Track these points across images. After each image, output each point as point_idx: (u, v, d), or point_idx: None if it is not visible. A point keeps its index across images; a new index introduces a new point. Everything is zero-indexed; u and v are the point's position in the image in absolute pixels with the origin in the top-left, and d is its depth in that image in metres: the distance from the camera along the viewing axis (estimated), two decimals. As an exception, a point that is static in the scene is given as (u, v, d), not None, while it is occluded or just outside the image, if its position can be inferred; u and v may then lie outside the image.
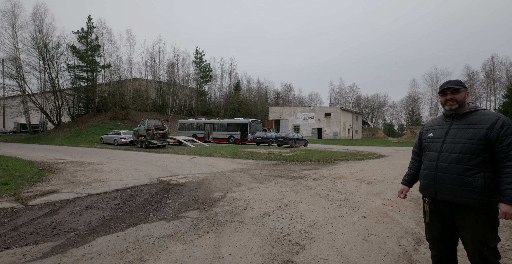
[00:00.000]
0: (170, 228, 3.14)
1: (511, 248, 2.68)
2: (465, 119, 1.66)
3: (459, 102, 1.67)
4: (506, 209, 1.46)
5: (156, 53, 44.64)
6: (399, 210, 3.98)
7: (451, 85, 1.68)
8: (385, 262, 2.39)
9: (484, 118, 1.59)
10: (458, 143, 1.61)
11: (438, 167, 1.67)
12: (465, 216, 1.58)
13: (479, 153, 1.54)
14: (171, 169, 8.28)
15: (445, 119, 1.77)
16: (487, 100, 50.35)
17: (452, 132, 1.67)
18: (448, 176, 1.61)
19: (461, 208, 1.60)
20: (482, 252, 1.53)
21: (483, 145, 1.54)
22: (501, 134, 1.50)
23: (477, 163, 1.54)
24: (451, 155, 1.62)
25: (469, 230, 1.56)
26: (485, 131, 1.54)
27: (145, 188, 5.36)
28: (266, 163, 10.44)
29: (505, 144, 1.49)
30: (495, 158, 1.53)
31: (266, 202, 4.46)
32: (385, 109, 69.83)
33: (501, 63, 48.61)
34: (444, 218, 1.70)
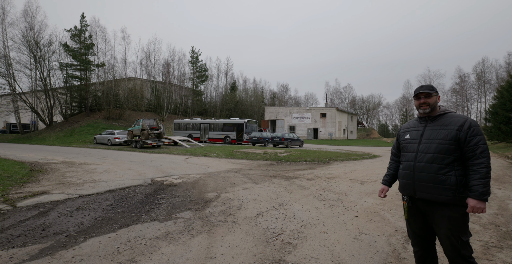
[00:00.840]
0: (162, 229, 3.13)
1: (495, 245, 2.75)
2: (438, 121, 1.76)
3: (431, 106, 1.78)
4: (474, 203, 1.56)
5: (152, 52, 44.21)
6: (390, 209, 4.03)
7: (424, 90, 1.78)
8: (374, 260, 2.42)
9: (454, 120, 1.69)
10: (432, 143, 1.71)
11: (415, 167, 1.76)
12: (440, 213, 1.67)
13: (451, 152, 1.64)
14: (166, 169, 8.23)
15: (420, 122, 1.87)
16: (478, 102, 51.37)
17: (426, 133, 1.77)
18: (424, 175, 1.70)
19: (437, 205, 1.68)
20: (456, 246, 1.61)
21: (454, 145, 1.64)
22: (468, 135, 1.62)
23: (449, 162, 1.64)
24: (426, 155, 1.71)
25: (444, 225, 1.64)
26: (455, 132, 1.65)
27: (138, 189, 5.32)
28: (261, 163, 10.46)
29: (472, 143, 1.60)
30: (464, 157, 1.64)
31: (260, 202, 4.48)
32: (379, 110, 70.69)
33: (491, 66, 49.69)
34: (422, 215, 1.79)
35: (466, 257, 1.61)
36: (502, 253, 2.55)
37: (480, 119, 49.61)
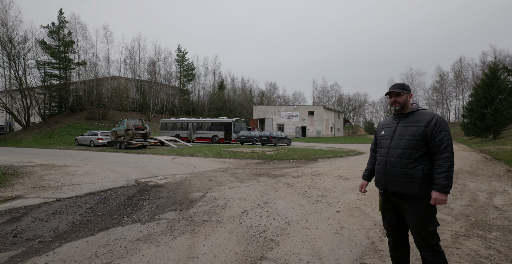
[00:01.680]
0: (144, 230, 3.07)
1: (464, 234, 2.92)
2: (409, 118, 1.85)
3: (401, 104, 1.86)
4: (436, 195, 1.65)
5: (136, 50, 42.95)
6: (371, 204, 4.17)
7: (394, 89, 1.87)
8: (352, 253, 2.51)
9: (423, 117, 1.78)
10: (402, 139, 1.80)
11: (387, 162, 1.85)
12: (409, 205, 1.76)
13: (419, 148, 1.73)
14: (151, 170, 8.07)
15: (394, 119, 1.96)
16: (457, 99, 53.90)
17: (398, 129, 1.86)
18: (394, 170, 1.79)
19: (406, 198, 1.77)
20: (423, 235, 1.71)
21: (421, 140, 1.73)
22: (434, 131, 1.70)
23: (417, 157, 1.73)
24: (397, 150, 1.80)
25: (413, 216, 1.74)
26: (423, 128, 1.73)
27: (121, 190, 5.19)
28: (248, 162, 10.48)
29: (437, 139, 1.69)
30: (430, 152, 1.73)
31: (246, 200, 4.49)
32: (365, 108, 72.59)
33: (467, 65, 52.30)
34: (394, 207, 1.88)
35: (432, 245, 1.70)
36: (469, 242, 2.71)
37: (458, 116, 52.12)
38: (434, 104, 58.25)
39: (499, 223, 3.25)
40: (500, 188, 5.33)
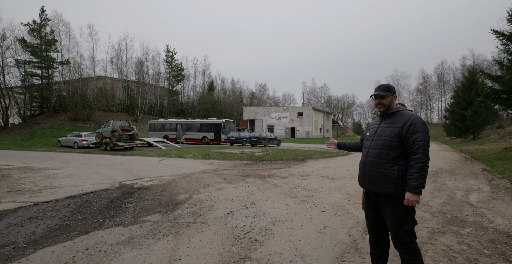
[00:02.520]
0: (126, 234, 3.01)
1: (439, 230, 3.04)
2: (390, 119, 1.90)
3: (386, 106, 1.91)
4: (408, 196, 1.68)
5: (123, 50, 41.97)
6: (355, 203, 4.27)
7: (378, 92, 1.91)
8: (334, 251, 2.56)
9: (401, 118, 1.82)
10: (379, 140, 1.86)
11: (366, 162, 1.91)
12: (386, 204, 1.81)
13: (394, 148, 1.77)
14: (137, 172, 7.90)
15: (379, 119, 2.01)
16: (439, 101, 56.03)
17: (379, 130, 1.92)
18: (372, 169, 1.85)
19: (383, 197, 1.82)
20: (398, 234, 1.75)
21: (397, 141, 1.77)
22: (409, 132, 1.74)
23: (393, 157, 1.77)
24: (375, 151, 1.86)
25: (389, 215, 1.78)
26: (399, 129, 1.78)
27: (104, 193, 5.05)
28: (237, 163, 10.46)
29: (411, 140, 1.72)
30: (406, 153, 1.76)
31: (232, 201, 4.49)
32: (353, 109, 74.10)
33: (449, 68, 54.63)
34: (375, 206, 1.93)
35: (407, 243, 1.74)
36: (444, 237, 2.83)
37: (440, 117, 54.21)
38: (418, 105, 60.33)
39: (472, 219, 3.41)
40: (476, 186, 5.59)
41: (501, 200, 4.39)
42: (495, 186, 5.59)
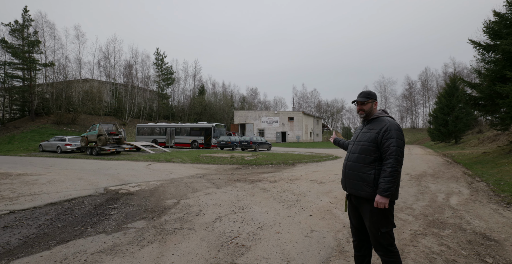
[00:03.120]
0: (109, 241, 2.92)
1: (421, 233, 3.14)
2: (370, 124, 1.98)
3: (366, 112, 1.99)
4: (377, 198, 1.74)
5: (111, 52, 41.24)
6: (342, 207, 4.34)
7: (358, 99, 1.99)
8: (320, 255, 2.59)
9: (379, 124, 1.90)
10: (359, 144, 1.94)
11: (347, 165, 1.98)
12: (364, 207, 1.87)
13: (371, 153, 1.85)
14: (123, 177, 7.70)
15: (361, 125, 2.09)
16: (424, 106, 58.07)
17: (359, 135, 2.00)
18: (351, 173, 1.92)
19: (362, 200, 1.88)
20: (376, 236, 1.81)
21: (373, 146, 1.85)
22: (384, 137, 1.81)
23: (370, 162, 1.84)
24: (354, 155, 1.94)
25: (367, 218, 1.84)
26: (375, 135, 1.86)
27: (87, 199, 4.89)
28: (227, 167, 10.40)
29: (385, 145, 1.80)
30: (382, 157, 1.83)
31: (220, 206, 4.45)
32: (343, 114, 75.46)
33: (432, 75, 56.90)
34: (356, 209, 1.97)
35: (385, 245, 1.80)
36: (425, 239, 2.92)
37: (425, 122, 56.16)
38: (404, 111, 62.32)
39: (452, 221, 3.54)
40: (456, 189, 5.81)
41: (479, 202, 4.59)
42: (474, 188, 5.83)
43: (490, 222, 3.49)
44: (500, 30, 10.84)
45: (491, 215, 3.83)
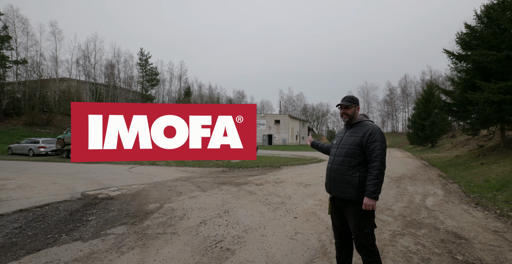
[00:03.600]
0: (86, 249, 2.78)
1: (399, 233, 3.27)
2: (353, 128, 2.04)
3: (349, 116, 2.05)
4: (365, 201, 1.81)
5: (91, 51, 39.39)
6: (326, 209, 4.42)
7: (343, 102, 2.05)
8: (304, 257, 2.62)
9: (362, 128, 1.98)
10: (343, 148, 1.99)
11: (332, 168, 2.02)
12: (348, 209, 1.92)
13: (356, 156, 1.91)
14: (103, 181, 7.38)
15: (344, 128, 2.15)
16: (403, 111, 60.82)
17: (344, 139, 2.05)
18: (336, 176, 1.96)
19: (346, 202, 1.93)
20: (359, 237, 1.87)
21: (358, 150, 1.91)
22: (368, 141, 1.89)
23: (355, 164, 1.90)
24: (339, 158, 1.98)
25: (351, 219, 1.90)
26: (360, 138, 1.92)
27: (62, 205, 4.63)
28: (213, 170, 10.28)
29: (370, 148, 1.87)
30: (366, 160, 1.90)
31: (205, 210, 4.39)
32: (328, 117, 77.30)
33: (411, 81, 59.83)
34: (340, 211, 2.02)
35: (367, 246, 1.86)
36: (403, 239, 3.05)
37: (405, 126, 58.86)
38: (385, 115, 64.96)
39: (428, 222, 3.73)
40: (432, 190, 6.13)
41: (451, 203, 4.86)
42: (448, 190, 6.18)
43: (461, 222, 3.71)
44: (471, 41, 11.68)
45: (462, 215, 4.07)
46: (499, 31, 10.59)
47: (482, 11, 11.75)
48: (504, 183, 5.68)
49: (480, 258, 2.56)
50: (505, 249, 2.75)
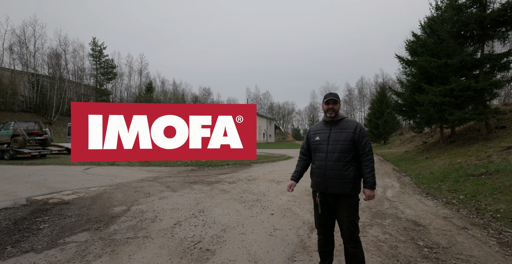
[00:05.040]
0: (41, 261, 2.41)
1: (368, 223, 3.55)
2: (339, 125, 2.10)
3: (336, 111, 2.10)
4: (368, 192, 1.96)
5: (30, 37, 33.78)
6: (300, 204, 4.57)
7: (333, 97, 2.08)
8: (285, 252, 2.66)
9: (349, 124, 2.07)
10: (337, 144, 2.02)
11: (326, 166, 2.01)
12: (343, 203, 1.98)
13: (350, 151, 1.99)
14: (53, 184, 6.50)
15: (326, 125, 2.16)
16: (360, 111, 66.13)
17: (332, 135, 2.07)
18: (333, 172, 1.98)
19: (341, 197, 1.99)
20: (351, 229, 1.96)
21: (351, 145, 2.00)
22: (360, 136, 2.01)
23: (349, 159, 1.98)
24: (334, 155, 2.00)
25: (345, 212, 1.97)
26: (352, 134, 2.01)
27: (2, 214, 3.95)
28: (181, 169, 9.84)
29: (362, 143, 1.99)
30: (357, 154, 2.02)
31: (179, 210, 4.17)
32: (293, 116, 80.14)
33: (366, 83, 65.26)
34: (329, 207, 2.07)
35: (355, 236, 1.97)
36: (372, 229, 3.32)
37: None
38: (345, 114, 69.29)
39: (391, 212, 4.12)
40: (389, 183, 6.80)
41: (407, 194, 5.46)
42: (402, 182, 6.92)
43: (417, 210, 4.18)
44: (417, 49, 13.23)
45: (417, 204, 4.60)
46: (439, 41, 12.21)
47: (425, 23, 13.41)
48: (445, 175, 6.59)
49: (437, 242, 2.91)
50: (455, 232, 3.18)
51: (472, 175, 5.83)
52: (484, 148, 8.29)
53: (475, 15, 9.54)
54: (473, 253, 2.60)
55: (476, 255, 2.56)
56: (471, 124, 13.12)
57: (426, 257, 2.54)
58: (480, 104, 10.28)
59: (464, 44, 10.88)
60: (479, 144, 9.26)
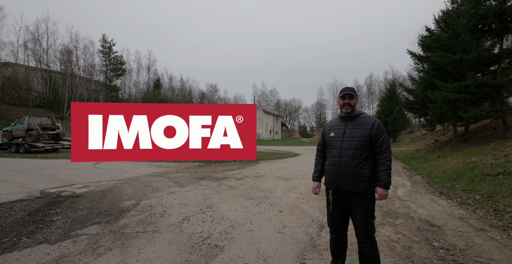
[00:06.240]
0: (54, 252, 2.45)
1: (380, 223, 3.45)
2: (355, 121, 2.01)
3: (352, 107, 2.00)
4: (381, 191, 1.86)
5: (43, 34, 34.58)
6: (308, 202, 4.52)
7: (349, 92, 1.99)
8: (295, 250, 2.62)
9: (367, 120, 1.97)
10: (352, 140, 1.93)
11: (340, 162, 1.93)
12: (357, 201, 1.91)
13: (366, 148, 1.90)
14: (65, 177, 6.66)
15: (341, 121, 2.08)
16: (368, 108, 64.97)
17: (347, 131, 1.99)
18: (347, 169, 1.90)
19: (355, 195, 1.91)
20: (366, 228, 1.89)
21: (368, 141, 1.90)
22: (378, 132, 1.90)
23: (365, 157, 1.89)
24: (349, 151, 1.92)
25: (360, 211, 1.89)
26: (369, 131, 1.91)
27: (18, 205, 4.06)
28: (189, 165, 9.92)
29: (380, 140, 1.89)
30: (374, 152, 1.92)
31: (187, 206, 4.19)
32: (300, 113, 79.51)
33: (375, 80, 63.99)
34: (342, 205, 1.99)
35: (371, 236, 1.90)
36: (384, 229, 3.24)
37: (369, 123, 62.96)
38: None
39: (402, 211, 4.01)
40: (400, 182, 6.64)
41: (419, 193, 5.31)
42: (414, 181, 6.75)
43: (431, 210, 4.06)
44: (430, 44, 12.77)
45: (430, 204, 4.46)
46: (454, 35, 11.74)
47: (440, 16, 12.90)
48: (459, 174, 6.38)
49: (453, 243, 2.80)
50: (472, 234, 3.06)
51: (488, 175, 5.62)
52: (501, 146, 7.98)
53: (494, 7, 9.10)
54: (493, 256, 2.49)
55: (497, 258, 2.44)
56: (487, 122, 12.66)
57: (442, 259, 2.44)
58: (497, 101, 9.88)
59: (481, 38, 10.44)
60: (495, 142, 8.92)
